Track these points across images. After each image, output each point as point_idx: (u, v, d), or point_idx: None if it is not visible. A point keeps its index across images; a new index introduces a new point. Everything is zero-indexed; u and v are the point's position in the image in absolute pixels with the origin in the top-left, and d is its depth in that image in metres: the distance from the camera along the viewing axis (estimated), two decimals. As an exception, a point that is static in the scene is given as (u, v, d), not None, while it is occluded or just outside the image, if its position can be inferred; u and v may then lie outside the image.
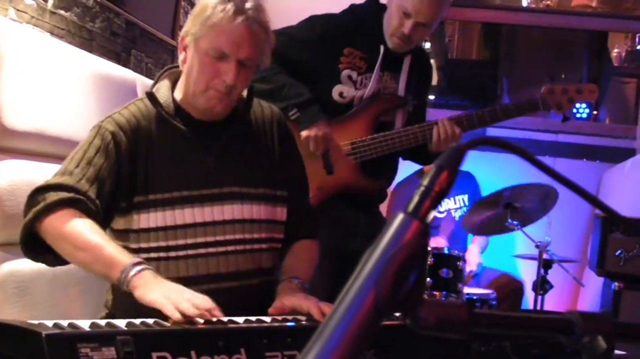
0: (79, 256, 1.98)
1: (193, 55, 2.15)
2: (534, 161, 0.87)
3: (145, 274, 1.88)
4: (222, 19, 2.08)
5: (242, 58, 2.12)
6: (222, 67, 2.11)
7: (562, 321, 0.88)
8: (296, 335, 1.74)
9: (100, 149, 2.09)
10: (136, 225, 2.12)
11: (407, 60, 3.17)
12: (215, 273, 2.16)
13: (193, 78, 2.16)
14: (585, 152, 5.80)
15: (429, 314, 0.79)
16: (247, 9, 2.11)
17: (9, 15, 2.90)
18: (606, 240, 4.03)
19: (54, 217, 1.97)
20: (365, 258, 0.79)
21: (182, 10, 4.55)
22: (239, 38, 2.10)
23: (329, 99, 3.06)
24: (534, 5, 9.09)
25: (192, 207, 2.15)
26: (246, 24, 2.10)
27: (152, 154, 2.15)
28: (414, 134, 3.08)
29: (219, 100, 2.16)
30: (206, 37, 2.10)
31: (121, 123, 2.14)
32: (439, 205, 0.83)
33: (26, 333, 1.47)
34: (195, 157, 2.19)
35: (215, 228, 2.18)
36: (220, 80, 2.12)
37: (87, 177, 2.04)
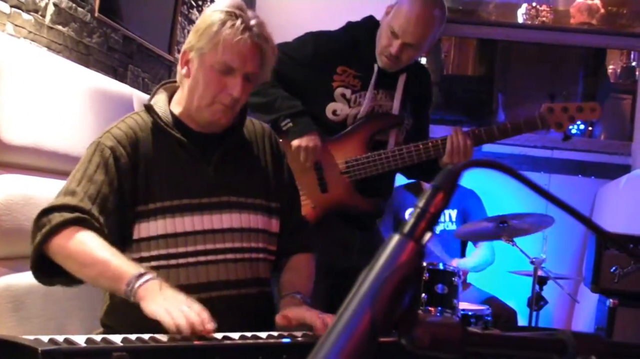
0: (86, 272, 2.01)
1: (198, 70, 2.19)
2: (527, 182, 0.88)
3: (149, 286, 1.90)
4: (230, 35, 2.13)
5: (248, 72, 2.18)
6: (229, 81, 2.17)
7: (555, 341, 0.88)
8: (292, 351, 1.74)
9: (100, 166, 2.12)
10: (136, 234, 2.14)
11: (402, 78, 3.16)
12: (214, 280, 2.18)
13: (198, 92, 2.20)
14: (581, 168, 5.82)
15: (423, 334, 0.80)
16: (252, 26, 2.16)
17: (6, 30, 2.91)
18: (601, 257, 4.04)
19: (60, 238, 1.99)
20: (361, 279, 0.80)
21: (179, 25, 4.56)
22: (247, 53, 2.16)
23: (323, 117, 3.07)
24: (529, 22, 9.12)
25: (192, 215, 2.18)
26: (253, 40, 2.16)
27: (151, 165, 2.18)
28: (409, 152, 3.07)
29: (224, 113, 2.21)
30: (213, 52, 2.14)
31: (119, 137, 2.17)
32: (435, 226, 0.84)
33: (22, 349, 1.47)
34: (194, 167, 2.23)
35: (214, 236, 2.21)
36: (226, 94, 2.17)
37: (89, 195, 2.07)
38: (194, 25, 2.33)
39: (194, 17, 4.80)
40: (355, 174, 3.08)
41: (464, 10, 9.78)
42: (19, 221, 2.35)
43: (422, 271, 3.53)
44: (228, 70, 2.16)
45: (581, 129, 7.42)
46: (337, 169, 3.08)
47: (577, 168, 5.80)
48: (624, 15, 8.40)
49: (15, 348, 1.50)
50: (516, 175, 0.86)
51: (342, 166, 3.08)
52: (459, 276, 3.82)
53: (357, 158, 3.08)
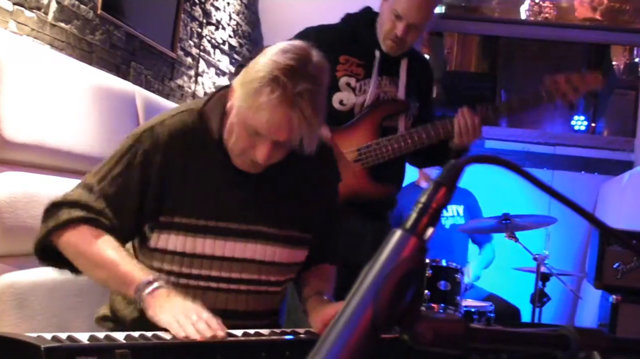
0: (95, 273, 2.00)
1: (234, 118, 2.03)
2: (531, 178, 0.88)
3: (157, 294, 1.87)
4: (263, 103, 1.93)
5: (277, 141, 1.99)
6: (257, 142, 2.00)
7: (558, 336, 0.88)
8: (294, 348, 1.74)
9: (127, 168, 2.05)
10: (154, 244, 2.08)
11: (404, 62, 3.18)
12: (223, 309, 2.07)
13: (232, 139, 2.05)
14: (583, 164, 5.81)
15: (426, 330, 0.80)
16: (297, 94, 1.93)
17: (9, 27, 2.92)
18: (604, 253, 4.03)
19: (70, 234, 1.98)
20: (363, 274, 0.80)
21: (182, 23, 4.56)
22: (277, 124, 1.95)
23: (330, 108, 3.07)
24: (532, 18, 9.11)
25: (215, 239, 2.09)
26: (287, 115, 1.94)
27: (187, 175, 2.08)
28: (418, 134, 3.07)
29: (253, 167, 2.09)
30: (246, 111, 1.97)
31: (160, 139, 2.07)
32: (437, 222, 0.83)
33: (25, 346, 1.47)
34: (229, 189, 2.12)
35: (232, 264, 2.12)
36: (254, 154, 2.02)
37: (106, 195, 2.03)
38: (197, 23, 2.27)
39: (196, 14, 4.81)
40: (367, 161, 3.08)
41: (467, 7, 9.77)
42: (22, 218, 2.35)
43: (425, 267, 3.54)
44: (256, 134, 1.98)
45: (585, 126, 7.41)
46: (349, 157, 3.08)
47: (580, 164, 5.80)
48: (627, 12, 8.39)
49: (18, 345, 1.50)
50: (520, 171, 0.85)
51: (354, 154, 3.08)
52: (461, 272, 3.82)
53: (368, 145, 3.07)
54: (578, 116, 8.69)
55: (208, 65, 5.11)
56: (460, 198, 5.08)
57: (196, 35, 4.87)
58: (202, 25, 4.95)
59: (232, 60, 5.51)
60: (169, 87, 4.52)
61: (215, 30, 5.17)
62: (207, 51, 5.08)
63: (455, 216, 5.02)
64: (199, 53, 4.94)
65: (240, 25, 5.65)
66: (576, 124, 8.29)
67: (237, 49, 5.59)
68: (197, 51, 4.92)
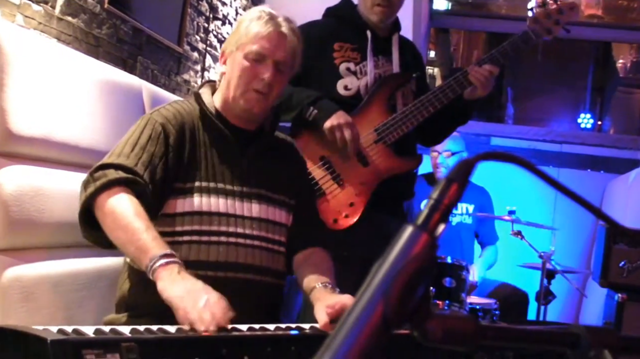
0: (117, 234, 2.09)
1: (233, 65, 2.40)
2: (540, 174, 0.87)
3: (171, 268, 1.95)
4: (260, 27, 2.36)
5: (278, 59, 2.37)
6: (260, 68, 2.35)
7: (568, 334, 0.88)
8: (300, 343, 1.74)
9: (151, 137, 2.27)
10: (172, 209, 2.27)
11: (395, 39, 3.25)
12: (240, 262, 2.30)
13: (233, 83, 2.38)
14: (590, 162, 5.81)
15: (436, 327, 0.80)
16: (281, 20, 2.41)
17: (16, 21, 2.92)
18: (610, 251, 4.04)
19: (109, 194, 2.11)
20: (374, 270, 0.79)
21: (189, 17, 4.56)
22: (275, 41, 2.37)
23: (336, 96, 3.09)
24: (539, 15, 9.09)
25: (226, 198, 2.33)
26: (281, 31, 2.39)
27: (195, 147, 2.34)
28: (429, 99, 3.09)
29: (257, 101, 2.37)
30: (246, 44, 2.36)
31: (169, 117, 2.33)
32: (448, 218, 0.83)
33: (31, 339, 1.48)
34: (231, 156, 2.39)
35: (244, 221, 2.34)
36: (258, 80, 2.35)
37: (142, 161, 2.21)
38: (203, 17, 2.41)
39: (203, 8, 4.80)
40: (389, 138, 3.09)
41: (473, 4, 9.76)
42: (29, 212, 2.35)
43: (435, 264, 3.54)
44: (259, 58, 2.35)
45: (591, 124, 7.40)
46: (369, 139, 3.09)
47: (587, 162, 5.79)
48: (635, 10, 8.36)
49: (25, 337, 1.50)
50: (531, 168, 0.85)
51: (373, 135, 3.09)
52: (467, 269, 3.82)
53: (384, 123, 3.09)
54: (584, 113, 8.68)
55: (214, 60, 5.11)
56: (472, 197, 5.08)
57: (203, 30, 4.87)
58: (209, 20, 4.95)
59: (238, 55, 5.50)
60: (176, 82, 4.52)
61: (221, 25, 5.17)
62: (213, 46, 5.07)
63: (463, 214, 5.02)
64: (205, 48, 4.94)
65: (247, 20, 5.64)
66: (583, 122, 8.28)
67: (244, 44, 5.58)
68: (204, 46, 4.92)
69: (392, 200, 3.24)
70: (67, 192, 2.43)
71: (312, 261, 2.45)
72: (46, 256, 2.37)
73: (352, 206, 3.04)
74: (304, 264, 2.44)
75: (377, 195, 3.11)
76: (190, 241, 2.25)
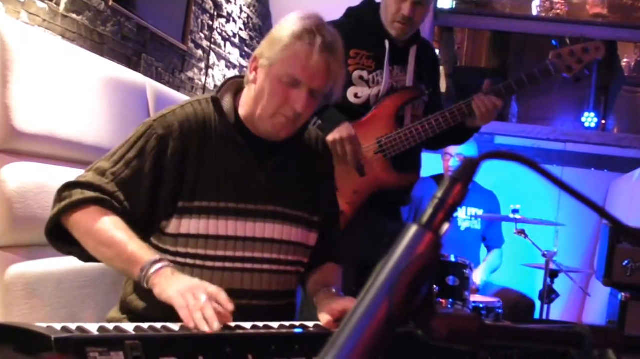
0: (102, 252, 2.01)
1: (265, 79, 2.15)
2: (544, 173, 0.87)
3: (164, 272, 1.90)
4: (302, 50, 2.10)
5: (314, 87, 2.13)
6: (293, 94, 2.12)
7: (572, 333, 0.88)
8: (304, 342, 1.74)
9: (141, 152, 2.10)
10: (176, 229, 2.11)
11: (412, 50, 3.22)
12: (247, 289, 2.17)
13: (262, 102, 2.16)
14: (593, 161, 5.80)
15: (441, 326, 0.80)
16: (329, 43, 2.13)
17: (21, 18, 2.92)
18: (613, 250, 4.03)
19: (82, 214, 2.00)
20: (379, 269, 0.79)
21: (193, 15, 4.56)
22: (315, 69, 2.11)
23: (346, 103, 3.08)
24: (543, 14, 9.09)
25: (236, 220, 2.15)
26: (324, 57, 2.11)
27: (204, 160, 2.14)
28: (437, 121, 3.09)
29: (285, 126, 2.18)
30: (282, 63, 2.11)
31: (173, 127, 2.13)
32: (452, 218, 0.83)
33: (35, 336, 1.48)
34: (247, 171, 2.19)
35: (254, 244, 2.18)
36: (289, 107, 2.13)
37: (119, 179, 2.07)
38: (208, 15, 2.32)
39: (207, 6, 4.80)
40: (389, 151, 3.09)
41: (478, 2, 9.75)
42: (32, 209, 2.35)
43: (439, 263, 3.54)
44: (294, 83, 2.12)
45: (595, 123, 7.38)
46: (370, 150, 3.09)
47: (590, 161, 5.78)
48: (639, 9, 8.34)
49: (28, 335, 1.50)
50: (535, 167, 0.85)
51: (375, 145, 3.09)
52: (470, 268, 3.82)
53: (388, 135, 3.09)
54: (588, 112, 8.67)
55: (219, 57, 5.11)
56: (481, 201, 5.08)
57: (207, 27, 4.87)
58: (213, 17, 4.95)
59: (242, 53, 5.51)
60: (180, 80, 4.52)
61: (226, 23, 5.17)
62: (217, 44, 5.07)
63: (472, 220, 5.02)
64: (209, 46, 4.94)
65: (251, 18, 5.64)
66: (586, 121, 8.26)
67: (248, 42, 5.59)
68: (208, 44, 4.92)
69: (388, 205, 3.24)
70: (71, 189, 2.44)
71: (322, 270, 2.38)
72: (49, 253, 2.36)
73: (341, 214, 3.03)
74: (314, 273, 2.37)
75: (374, 199, 3.11)
76: (194, 264, 2.12)
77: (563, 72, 3.18)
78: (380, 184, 3.10)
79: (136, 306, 2.15)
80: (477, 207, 5.06)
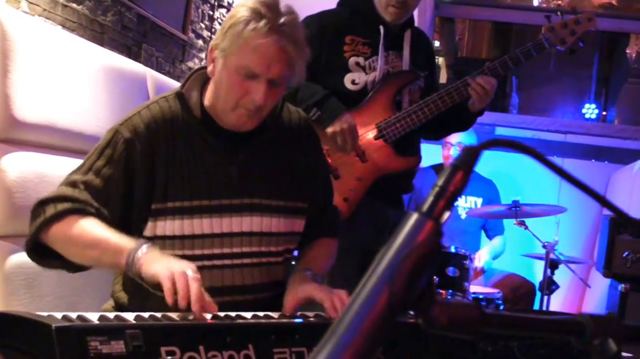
0: (88, 254, 1.97)
1: (222, 71, 2.05)
2: (545, 161, 0.87)
3: (149, 253, 1.87)
4: (253, 37, 1.97)
5: (272, 77, 2.02)
6: (252, 86, 2.02)
7: (573, 323, 0.88)
8: (304, 332, 1.74)
9: (110, 160, 2.05)
10: (151, 232, 2.06)
11: (407, 35, 3.22)
12: (230, 285, 2.12)
13: (222, 94, 2.08)
14: (594, 152, 5.79)
15: (441, 315, 0.80)
16: (281, 25, 2.00)
17: (21, 7, 2.91)
18: (614, 241, 4.03)
19: (58, 226, 1.97)
20: (379, 257, 0.79)
21: (194, 5, 4.55)
22: (270, 57, 1.99)
23: (343, 89, 3.08)
24: (544, 5, 9.07)
25: (211, 217, 2.10)
26: (278, 43, 1.99)
27: (173, 160, 2.08)
28: (434, 101, 3.08)
29: (249, 118, 2.09)
30: (236, 54, 2.00)
31: (139, 129, 2.06)
32: (453, 205, 0.83)
33: (36, 325, 1.48)
34: (218, 166, 2.13)
35: (232, 240, 2.13)
36: (249, 99, 2.03)
37: (91, 188, 2.02)
38: (208, 5, 2.29)
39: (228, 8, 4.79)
40: (389, 136, 3.09)
41: (478, -7, 9.73)
42: (32, 198, 2.34)
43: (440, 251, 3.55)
44: (251, 75, 2.01)
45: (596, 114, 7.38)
46: (370, 135, 3.09)
47: (591, 153, 5.77)
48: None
49: (29, 324, 1.51)
50: (537, 155, 0.85)
51: (374, 131, 3.09)
52: (470, 259, 3.82)
53: (387, 120, 3.09)
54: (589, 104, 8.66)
55: (219, 48, 5.10)
56: (480, 190, 5.09)
57: (207, 17, 4.86)
58: (214, 7, 4.94)
59: (243, 43, 5.49)
60: (180, 70, 4.51)
61: (226, 12, 5.16)
62: (218, 34, 5.06)
63: (472, 208, 5.02)
64: (210, 36, 4.93)
65: (252, 8, 5.63)
66: (587, 112, 8.26)
67: (248, 32, 5.57)
68: (209, 34, 4.91)
69: (391, 193, 3.24)
70: (72, 179, 2.44)
71: (314, 246, 2.34)
72: (34, 262, 2.36)
73: (345, 201, 3.03)
74: (304, 251, 2.34)
75: (376, 187, 3.11)
76: None
77: (557, 45, 3.20)
78: (382, 169, 3.11)
79: (124, 303, 2.13)
80: (477, 196, 5.06)
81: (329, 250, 2.38)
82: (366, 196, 3.10)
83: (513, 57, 3.12)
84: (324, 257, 2.33)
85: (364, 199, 3.09)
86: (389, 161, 3.11)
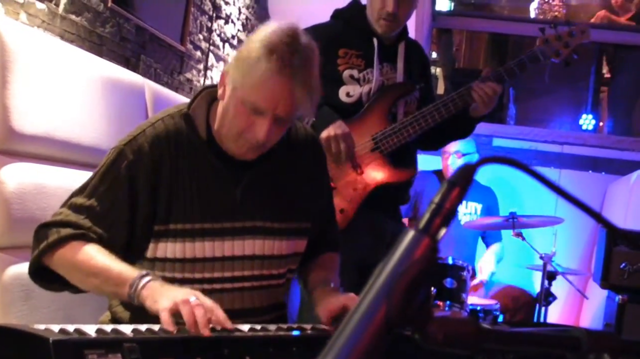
0: (90, 282, 1.96)
1: (230, 99, 2.02)
2: (540, 178, 0.88)
3: (151, 286, 1.85)
4: (262, 76, 1.93)
5: (279, 114, 1.98)
6: (257, 121, 1.99)
7: (569, 338, 0.88)
8: (301, 344, 1.75)
9: (114, 183, 2.03)
10: (152, 254, 2.06)
11: (401, 47, 3.24)
12: (229, 309, 1.99)
13: (227, 122, 2.04)
14: (591, 164, 5.80)
15: (437, 330, 0.80)
16: (293, 65, 1.94)
17: (20, 19, 2.92)
18: (611, 253, 4.04)
19: (62, 252, 1.96)
20: (376, 273, 0.80)
21: (192, 16, 4.56)
22: (278, 98, 1.95)
23: (338, 102, 3.09)
24: (541, 17, 9.09)
25: (213, 241, 2.08)
26: (288, 85, 1.95)
27: (176, 181, 2.05)
28: (430, 112, 3.09)
29: (250, 150, 2.07)
30: (244, 87, 1.96)
31: (143, 150, 2.04)
32: (450, 222, 0.83)
33: (33, 338, 1.48)
34: (221, 188, 2.10)
35: (233, 263, 2.12)
36: (252, 134, 2.00)
37: (94, 214, 2.01)
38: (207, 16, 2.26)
39: (206, 7, 4.81)
40: (385, 148, 3.10)
41: (475, 4, 9.76)
42: (31, 210, 2.35)
43: (436, 267, 3.54)
44: (257, 111, 1.97)
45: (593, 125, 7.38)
46: (366, 147, 3.10)
47: (588, 164, 5.78)
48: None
49: (26, 337, 1.50)
50: (531, 172, 0.86)
51: (370, 143, 3.10)
52: (467, 270, 3.83)
53: (382, 131, 3.10)
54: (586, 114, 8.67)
55: (217, 59, 5.11)
56: (481, 196, 5.10)
57: (206, 29, 4.87)
58: (212, 19, 4.95)
59: (241, 54, 5.49)
60: (178, 81, 4.52)
61: (224, 24, 5.17)
62: (216, 45, 5.08)
63: (472, 214, 5.03)
64: (208, 47, 4.94)
65: (250, 19, 5.65)
66: (584, 124, 8.26)
67: (246, 44, 5.58)
68: (207, 45, 4.92)
69: (387, 204, 3.24)
70: (69, 190, 2.43)
71: (319, 263, 2.33)
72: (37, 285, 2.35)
73: (342, 212, 3.03)
74: (309, 266, 2.32)
75: (372, 198, 3.11)
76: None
77: (552, 58, 3.21)
78: (379, 181, 3.11)
79: (122, 317, 2.12)
80: (477, 202, 5.08)
81: (335, 264, 2.38)
82: (362, 207, 3.10)
83: (507, 68, 3.13)
84: (334, 271, 2.32)
85: (360, 210, 3.09)
86: (384, 173, 3.12)
